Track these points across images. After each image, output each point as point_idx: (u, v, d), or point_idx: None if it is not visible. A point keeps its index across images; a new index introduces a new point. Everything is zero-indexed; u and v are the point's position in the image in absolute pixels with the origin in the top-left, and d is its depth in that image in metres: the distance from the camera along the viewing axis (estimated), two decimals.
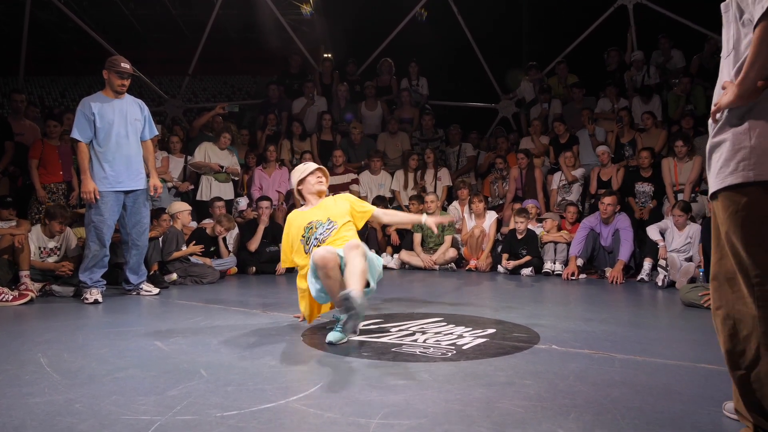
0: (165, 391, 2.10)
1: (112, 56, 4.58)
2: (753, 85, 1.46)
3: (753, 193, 1.49)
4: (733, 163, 1.52)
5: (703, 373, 2.35)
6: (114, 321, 3.63)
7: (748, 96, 1.48)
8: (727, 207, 1.55)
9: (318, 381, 2.22)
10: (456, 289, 5.12)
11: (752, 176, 1.48)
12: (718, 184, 1.55)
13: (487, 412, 1.88)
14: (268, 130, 8.11)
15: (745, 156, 1.50)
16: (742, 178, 1.50)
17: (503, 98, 9.43)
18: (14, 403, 1.98)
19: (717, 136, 1.58)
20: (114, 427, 1.76)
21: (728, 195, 1.54)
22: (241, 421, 1.80)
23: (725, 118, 1.56)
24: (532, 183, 7.04)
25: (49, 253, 4.87)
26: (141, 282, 4.64)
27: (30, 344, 2.89)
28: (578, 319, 3.55)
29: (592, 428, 1.74)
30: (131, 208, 4.48)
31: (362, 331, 3.14)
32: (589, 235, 5.75)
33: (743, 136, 1.51)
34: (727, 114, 1.55)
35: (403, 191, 7.44)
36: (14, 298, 4.18)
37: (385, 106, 8.62)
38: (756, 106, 1.50)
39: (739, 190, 1.51)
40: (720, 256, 1.60)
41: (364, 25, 10.53)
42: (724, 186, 1.54)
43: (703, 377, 2.28)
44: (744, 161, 1.50)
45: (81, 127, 4.31)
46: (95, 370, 2.39)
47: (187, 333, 3.13)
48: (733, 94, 1.51)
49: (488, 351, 2.70)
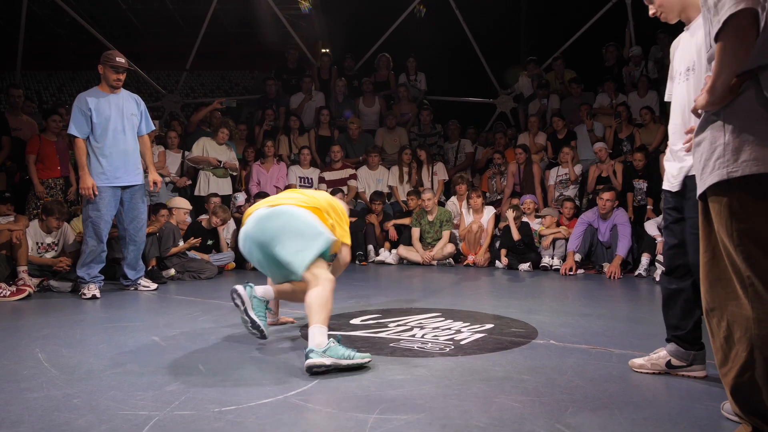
0: (163, 387, 2.10)
1: (107, 51, 4.57)
2: (721, 93, 1.47)
3: (733, 191, 1.48)
4: (711, 162, 1.52)
5: None
6: (112, 316, 3.63)
7: (719, 102, 1.50)
8: (714, 207, 1.54)
9: (316, 376, 2.22)
10: (454, 285, 5.13)
11: (726, 174, 1.48)
12: (702, 186, 1.55)
13: (485, 407, 1.89)
14: (266, 125, 8.10)
15: (720, 153, 1.50)
16: (718, 177, 1.49)
17: (501, 93, 9.43)
18: (12, 398, 1.98)
19: (698, 135, 1.59)
20: (112, 422, 1.76)
21: (712, 195, 1.54)
22: (239, 416, 1.81)
23: (704, 116, 1.57)
24: (530, 178, 7.03)
25: (46, 249, 4.86)
26: (139, 277, 4.64)
27: (28, 339, 2.89)
28: (576, 314, 3.56)
29: (589, 423, 1.75)
30: (128, 204, 4.47)
31: (360, 326, 3.14)
32: (587, 231, 5.76)
33: (718, 134, 1.51)
34: (705, 112, 1.56)
35: (400, 186, 7.44)
36: (12, 294, 4.18)
37: (383, 102, 8.60)
38: (731, 104, 1.50)
39: (720, 189, 1.51)
40: (711, 256, 1.58)
41: (362, 20, 10.50)
42: (706, 186, 1.53)
43: None
44: (719, 159, 1.50)
45: (78, 123, 4.30)
46: (93, 366, 2.40)
47: (185, 328, 3.13)
48: (705, 99, 1.52)
49: (486, 346, 2.70)
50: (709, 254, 1.59)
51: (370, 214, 7.00)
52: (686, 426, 1.74)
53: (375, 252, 6.77)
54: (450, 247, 6.51)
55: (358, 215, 6.91)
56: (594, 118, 7.26)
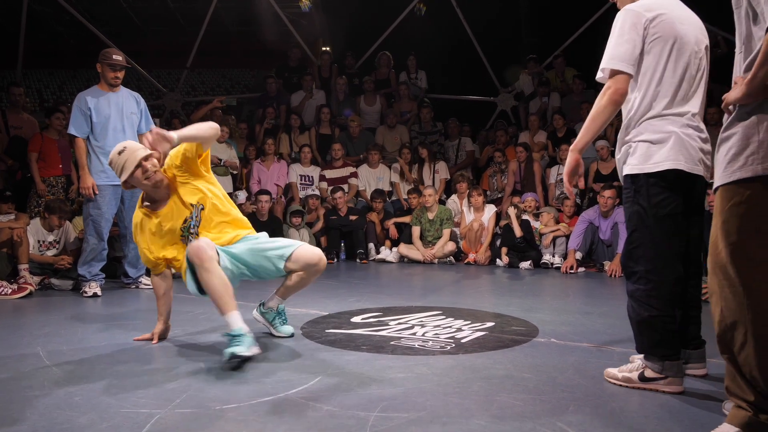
0: (164, 384, 2.10)
1: (105, 48, 4.57)
2: (761, 85, 1.49)
3: (758, 188, 1.52)
4: (742, 157, 1.54)
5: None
6: (113, 314, 3.63)
7: (756, 95, 1.51)
8: (729, 198, 1.57)
9: (317, 374, 2.22)
10: (455, 283, 5.13)
11: (760, 170, 1.51)
12: (726, 178, 1.57)
13: (485, 405, 1.89)
14: (267, 123, 8.10)
15: (753, 150, 1.52)
16: (751, 172, 1.52)
17: (502, 92, 9.42)
18: (14, 397, 1.98)
19: (727, 131, 1.60)
20: (113, 420, 1.76)
21: (731, 187, 1.56)
22: (241, 414, 1.81)
23: (735, 112, 1.59)
24: (530, 176, 7.04)
25: (48, 247, 4.87)
26: (140, 275, 4.65)
27: (29, 337, 2.90)
28: (577, 312, 3.57)
29: (591, 421, 1.75)
30: (129, 202, 4.47)
31: (361, 324, 3.15)
32: (587, 229, 5.76)
33: (752, 131, 1.53)
34: (738, 109, 1.58)
35: (402, 183, 7.44)
36: (13, 292, 4.19)
37: (384, 100, 8.60)
38: (766, 102, 1.52)
39: (744, 184, 1.54)
40: (714, 245, 1.62)
41: (362, 18, 10.49)
42: (732, 180, 1.56)
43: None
44: (753, 155, 1.52)
45: (77, 123, 4.30)
46: (94, 363, 2.40)
47: (186, 326, 3.14)
48: (741, 92, 1.54)
49: (487, 344, 2.71)
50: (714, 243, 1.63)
51: (371, 212, 7.00)
52: (688, 424, 1.74)
53: (376, 250, 6.77)
54: (451, 245, 6.51)
55: (359, 213, 6.92)
56: None
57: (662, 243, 2.02)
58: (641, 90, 2.07)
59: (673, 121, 2.04)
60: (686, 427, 1.72)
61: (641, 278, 2.05)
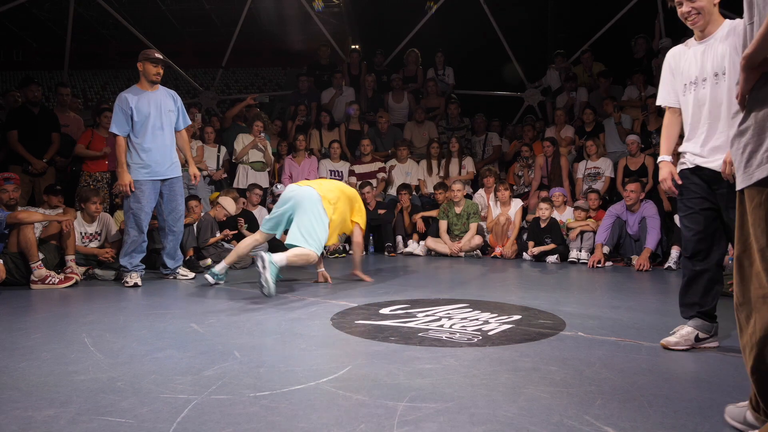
0: (201, 371, 2.17)
1: (145, 49, 4.73)
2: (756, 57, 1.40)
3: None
4: (759, 154, 1.44)
5: (731, 362, 2.32)
6: (152, 303, 3.76)
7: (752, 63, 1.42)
8: (751, 199, 1.48)
9: (347, 364, 2.27)
10: (481, 276, 5.12)
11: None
12: (748, 180, 1.47)
13: (513, 396, 1.89)
14: (298, 120, 8.21)
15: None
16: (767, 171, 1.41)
17: (529, 87, 9.32)
18: (60, 381, 2.08)
19: (742, 124, 1.51)
20: (153, 404, 1.83)
21: (753, 189, 1.47)
22: (273, 401, 1.86)
23: (748, 102, 1.49)
24: (557, 171, 6.95)
25: (89, 238, 5.06)
26: (177, 266, 4.80)
27: (75, 325, 3.02)
28: (604, 306, 3.53)
29: (618, 415, 1.74)
30: (167, 196, 4.62)
31: (390, 316, 3.19)
32: (615, 223, 5.68)
33: (765, 123, 1.43)
34: (750, 99, 1.48)
35: (428, 178, 7.46)
36: (60, 281, 4.38)
37: (412, 97, 8.62)
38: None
39: (764, 182, 1.44)
40: (743, 250, 1.53)
41: (391, 16, 10.51)
42: (752, 182, 1.46)
43: (732, 367, 2.25)
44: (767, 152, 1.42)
45: (119, 122, 4.45)
46: (135, 350, 2.50)
47: (221, 315, 3.23)
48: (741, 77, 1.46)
49: (514, 337, 2.71)
50: (741, 248, 1.55)
51: (399, 206, 7.04)
52: (717, 420, 1.71)
53: (403, 243, 6.82)
54: (477, 239, 6.51)
55: (387, 207, 6.97)
56: (621, 110, 7.11)
57: None
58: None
59: None
60: (715, 423, 1.70)
61: None
